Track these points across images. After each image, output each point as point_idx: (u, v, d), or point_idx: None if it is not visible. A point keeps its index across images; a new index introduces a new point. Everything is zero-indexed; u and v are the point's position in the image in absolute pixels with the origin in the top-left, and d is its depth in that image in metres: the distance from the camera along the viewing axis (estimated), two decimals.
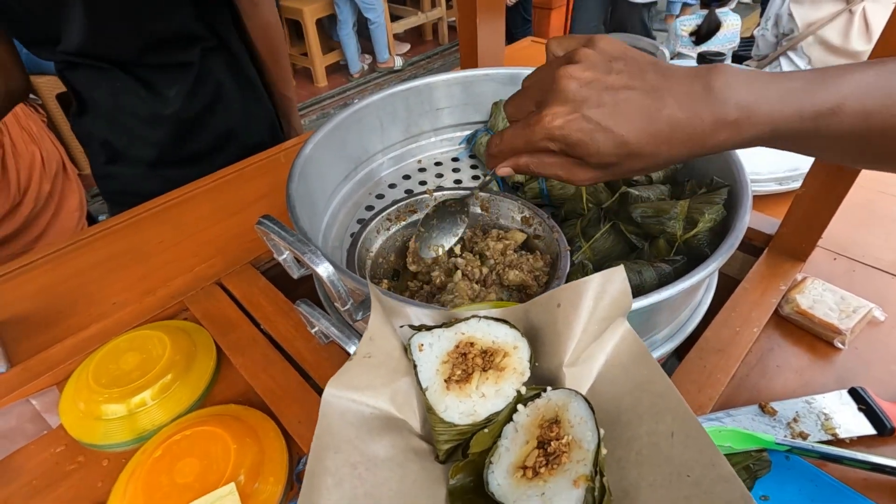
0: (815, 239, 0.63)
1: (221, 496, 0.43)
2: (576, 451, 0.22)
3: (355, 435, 0.25)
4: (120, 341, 0.59)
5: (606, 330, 0.27)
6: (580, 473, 0.21)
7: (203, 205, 0.85)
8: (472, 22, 0.85)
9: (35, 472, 0.51)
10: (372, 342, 0.27)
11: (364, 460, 0.24)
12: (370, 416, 0.26)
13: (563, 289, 0.28)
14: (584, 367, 0.27)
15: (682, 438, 0.22)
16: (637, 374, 0.26)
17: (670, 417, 0.23)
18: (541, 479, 0.22)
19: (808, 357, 0.55)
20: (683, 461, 0.22)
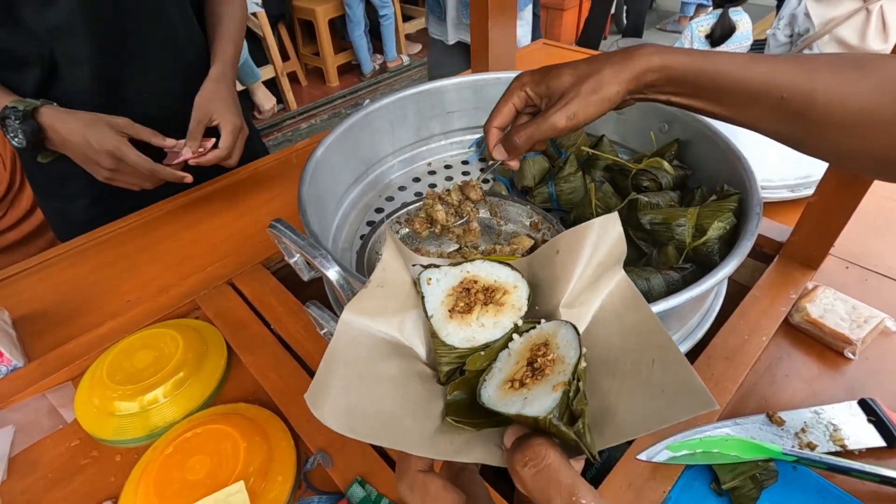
0: (827, 247, 0.62)
1: (231, 494, 0.44)
2: (559, 365, 0.24)
3: (366, 354, 0.27)
4: (134, 339, 0.60)
5: (602, 277, 0.29)
6: (560, 381, 0.23)
7: (216, 204, 0.86)
8: (483, 25, 0.85)
9: (51, 465, 0.52)
10: (385, 273, 0.29)
11: (372, 374, 0.27)
12: (380, 340, 0.28)
13: (562, 236, 0.30)
14: (580, 310, 0.29)
15: (662, 363, 0.24)
16: (628, 318, 0.27)
17: (654, 349, 0.25)
18: (525, 388, 0.24)
19: (817, 367, 0.55)
20: (661, 382, 0.24)
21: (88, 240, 0.81)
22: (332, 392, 0.25)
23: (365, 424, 0.24)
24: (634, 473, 0.46)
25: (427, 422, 0.26)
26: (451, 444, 0.25)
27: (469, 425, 0.25)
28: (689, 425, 0.49)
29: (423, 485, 0.24)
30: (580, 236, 0.29)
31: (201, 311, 0.67)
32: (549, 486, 0.21)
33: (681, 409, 0.23)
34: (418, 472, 0.25)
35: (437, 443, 0.25)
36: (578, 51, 1.33)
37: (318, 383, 0.25)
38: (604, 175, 0.67)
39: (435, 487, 0.24)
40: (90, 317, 0.67)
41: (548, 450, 0.22)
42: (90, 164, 0.74)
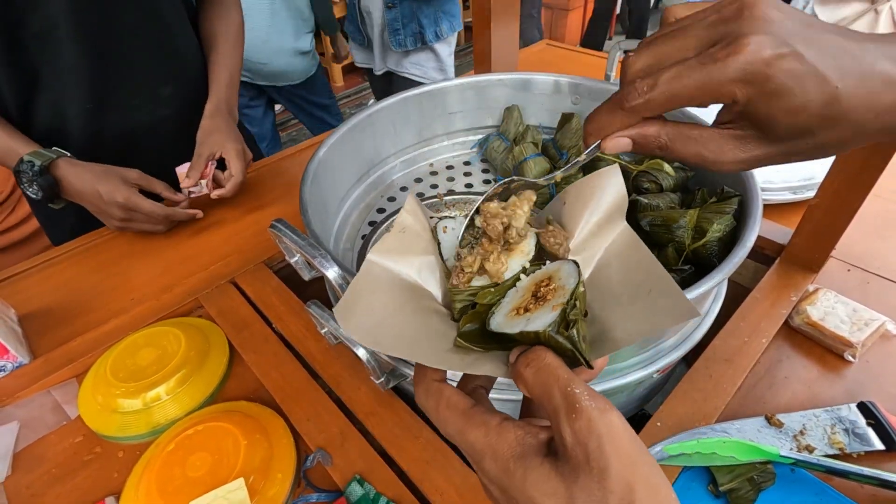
0: (829, 249, 0.62)
1: (231, 491, 0.45)
2: (559, 292, 0.26)
3: (387, 288, 0.30)
4: (137, 337, 0.61)
5: (606, 225, 0.31)
6: (559, 302, 0.25)
7: (219, 204, 0.87)
8: (486, 25, 0.85)
9: (55, 460, 0.53)
10: (407, 219, 0.32)
11: (393, 302, 0.29)
12: (400, 279, 0.31)
13: (569, 188, 0.32)
14: (584, 255, 0.31)
15: (657, 291, 0.27)
16: (628, 258, 0.30)
17: (652, 282, 0.27)
18: (529, 312, 0.26)
19: (817, 369, 0.55)
20: (654, 302, 0.26)
21: (93, 238, 0.82)
22: (357, 311, 0.27)
23: (386, 339, 0.27)
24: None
25: (442, 343, 0.28)
26: (463, 360, 0.27)
27: (479, 347, 0.28)
28: (687, 427, 0.49)
29: (437, 390, 0.26)
30: (586, 187, 0.31)
31: (204, 309, 0.67)
32: (547, 381, 0.23)
33: (668, 318, 0.25)
34: (434, 380, 0.27)
35: (451, 358, 0.27)
36: (581, 52, 1.33)
37: (346, 301, 0.27)
38: None
39: (448, 392, 0.26)
40: (94, 314, 0.68)
41: (546, 353, 0.24)
42: (103, 216, 0.77)
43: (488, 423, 0.24)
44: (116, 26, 0.76)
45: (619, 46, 0.73)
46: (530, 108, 0.79)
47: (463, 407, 0.25)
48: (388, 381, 0.50)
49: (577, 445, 0.21)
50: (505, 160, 0.73)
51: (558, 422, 0.22)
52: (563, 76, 0.75)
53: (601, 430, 0.21)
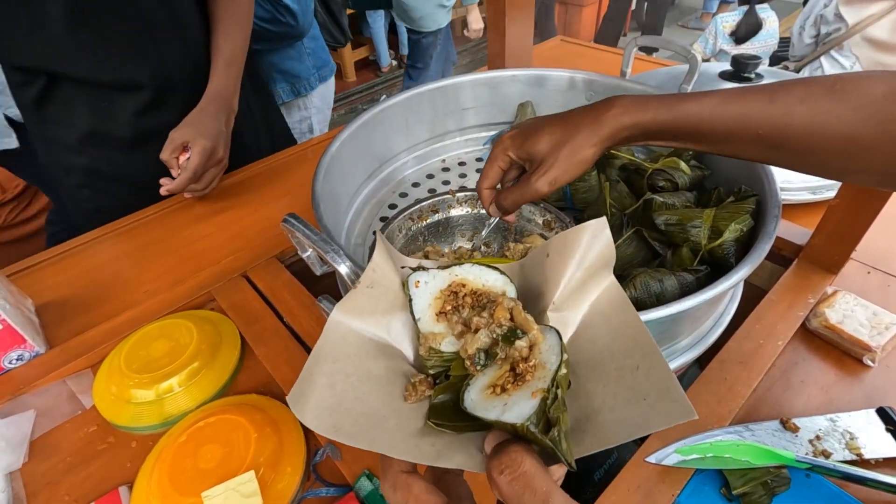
0: (849, 251, 0.61)
1: (242, 483, 0.45)
2: (539, 371, 0.25)
3: (354, 352, 0.28)
4: (151, 328, 0.61)
5: (591, 280, 0.29)
6: (539, 387, 0.24)
7: (231, 198, 0.87)
8: (500, 21, 0.85)
9: (70, 449, 0.53)
10: (374, 273, 0.29)
11: (358, 372, 0.27)
12: (368, 340, 0.29)
13: (553, 240, 0.30)
14: (567, 314, 0.29)
15: (646, 371, 0.25)
16: (615, 321, 0.28)
17: (639, 355, 0.25)
18: (506, 393, 0.25)
19: (834, 373, 0.54)
20: (643, 388, 0.24)
21: (108, 231, 0.82)
22: (316, 390, 0.25)
23: (348, 423, 0.25)
24: (643, 476, 0.46)
25: (410, 423, 0.26)
26: (433, 446, 0.25)
27: (450, 429, 0.26)
28: (701, 429, 0.48)
29: (405, 485, 0.24)
30: (571, 240, 0.29)
31: (216, 302, 0.68)
32: (523, 493, 0.22)
33: (661, 419, 0.23)
34: (401, 472, 0.25)
35: (419, 445, 0.25)
36: (596, 48, 1.32)
37: (303, 381, 0.25)
38: (619, 174, 0.66)
39: (418, 488, 0.24)
40: (109, 306, 0.69)
41: (524, 457, 0.22)
42: None
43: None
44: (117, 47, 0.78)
45: (636, 43, 0.72)
46: (544, 104, 0.78)
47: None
48: None
49: None
50: None
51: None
52: (579, 72, 0.74)
53: None
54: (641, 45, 0.72)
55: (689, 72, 0.67)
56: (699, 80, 0.80)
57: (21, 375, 0.60)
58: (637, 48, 0.72)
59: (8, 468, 0.51)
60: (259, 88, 1.02)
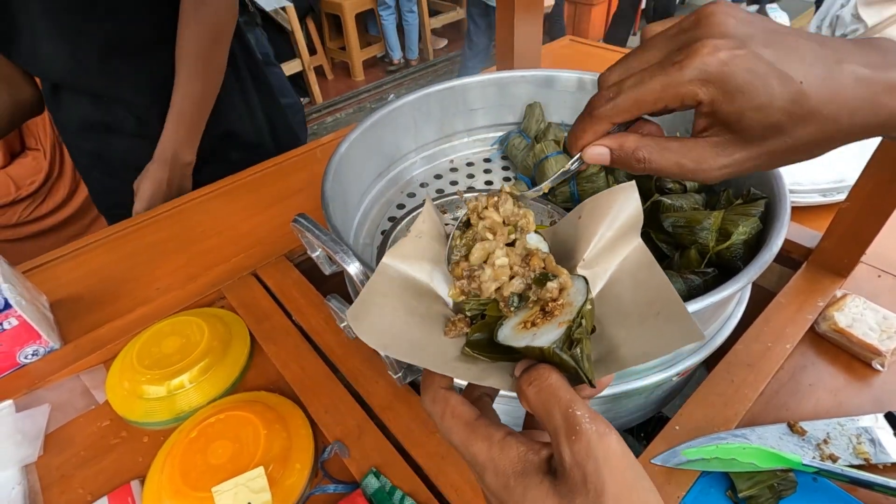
0: (859, 254, 0.60)
1: (251, 478, 0.46)
2: (567, 308, 0.27)
3: (400, 292, 0.30)
4: (162, 325, 0.62)
5: (620, 241, 0.31)
6: (566, 319, 0.26)
7: (243, 197, 0.88)
8: (509, 20, 0.85)
9: (83, 443, 0.54)
10: (423, 225, 0.32)
11: (404, 307, 0.29)
12: (414, 283, 0.31)
13: (586, 202, 0.32)
14: (596, 270, 0.31)
15: (666, 315, 0.26)
16: (641, 277, 0.29)
17: (660, 303, 0.27)
18: (536, 327, 0.27)
19: (843, 377, 0.54)
20: (660, 326, 0.26)
21: (121, 229, 0.84)
22: (370, 315, 0.28)
23: (396, 344, 0.27)
24: (648, 477, 0.46)
25: (449, 351, 0.28)
26: (470, 370, 0.27)
27: (486, 357, 0.28)
28: (707, 432, 0.48)
29: (444, 398, 0.27)
30: (603, 203, 0.31)
31: (226, 300, 0.69)
32: (549, 401, 0.23)
33: (673, 342, 0.25)
34: (440, 388, 0.27)
35: (457, 367, 0.27)
36: (605, 48, 1.31)
37: (359, 304, 0.28)
38: (627, 176, 0.66)
39: (454, 401, 0.26)
40: (122, 302, 0.70)
41: (551, 372, 0.24)
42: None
43: (492, 437, 0.25)
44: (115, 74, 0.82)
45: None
46: (552, 104, 0.78)
47: (468, 418, 0.26)
48: (405, 377, 0.51)
49: (575, 467, 0.22)
50: (526, 157, 0.73)
51: (558, 442, 0.22)
52: (588, 73, 0.74)
53: (599, 453, 0.21)
54: None
55: None
56: None
57: (36, 370, 0.61)
58: None
59: (24, 461, 0.52)
60: (261, 85, 1.03)
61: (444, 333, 0.29)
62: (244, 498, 0.45)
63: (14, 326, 0.59)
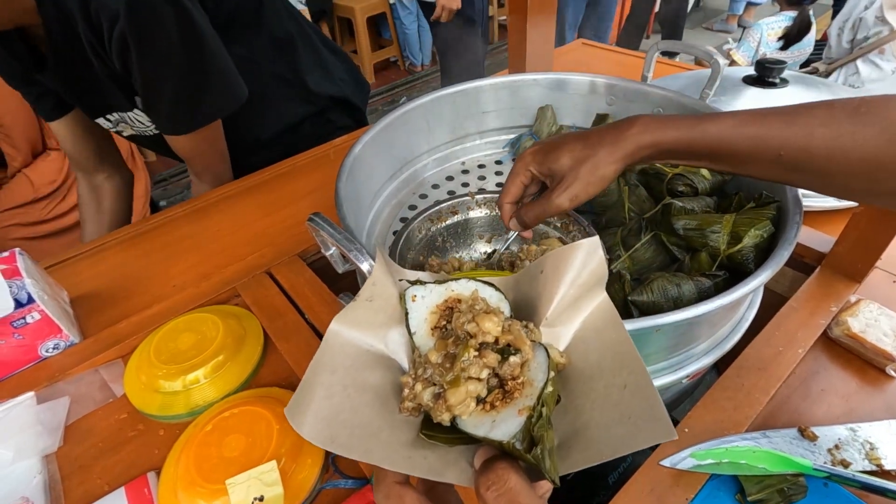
0: (874, 259, 0.60)
1: (264, 472, 0.46)
2: (527, 388, 0.26)
3: (351, 363, 0.28)
4: (179, 322, 0.64)
5: (584, 297, 0.30)
6: (525, 405, 0.25)
7: (257, 197, 0.90)
8: (522, 23, 0.85)
9: (101, 434, 0.56)
10: (374, 287, 0.31)
11: (354, 384, 0.27)
12: (366, 351, 0.29)
13: (547, 257, 0.31)
14: (560, 329, 0.30)
15: (633, 390, 0.25)
16: (606, 337, 0.28)
17: (626, 373, 0.26)
18: (495, 410, 0.25)
19: (856, 383, 0.53)
20: (629, 407, 0.25)
21: (138, 228, 0.86)
22: (314, 402, 0.26)
23: (344, 435, 0.26)
24: (657, 479, 0.46)
25: (403, 434, 0.27)
26: (425, 459, 0.26)
27: (442, 441, 0.26)
28: (717, 435, 0.48)
29: (398, 496, 0.25)
30: (565, 259, 0.30)
31: (241, 298, 0.70)
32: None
33: (643, 438, 0.24)
34: (394, 483, 0.26)
35: (412, 457, 0.26)
36: (617, 51, 1.31)
37: (301, 392, 0.26)
38: (638, 179, 0.66)
39: (410, 499, 0.25)
40: (139, 299, 0.72)
41: (510, 474, 0.23)
42: None
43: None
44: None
45: (658, 47, 0.72)
46: (564, 108, 0.78)
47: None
48: None
49: None
50: None
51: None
52: (599, 77, 0.74)
53: None
54: (664, 49, 0.72)
55: (711, 76, 0.66)
56: (722, 85, 0.79)
57: (56, 363, 0.62)
58: (659, 52, 0.72)
59: (44, 451, 0.53)
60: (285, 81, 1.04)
61: (399, 410, 0.28)
62: (257, 490, 0.46)
63: (36, 321, 0.61)
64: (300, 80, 0.99)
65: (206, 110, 0.81)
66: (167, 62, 0.72)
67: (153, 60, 0.71)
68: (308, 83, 1.00)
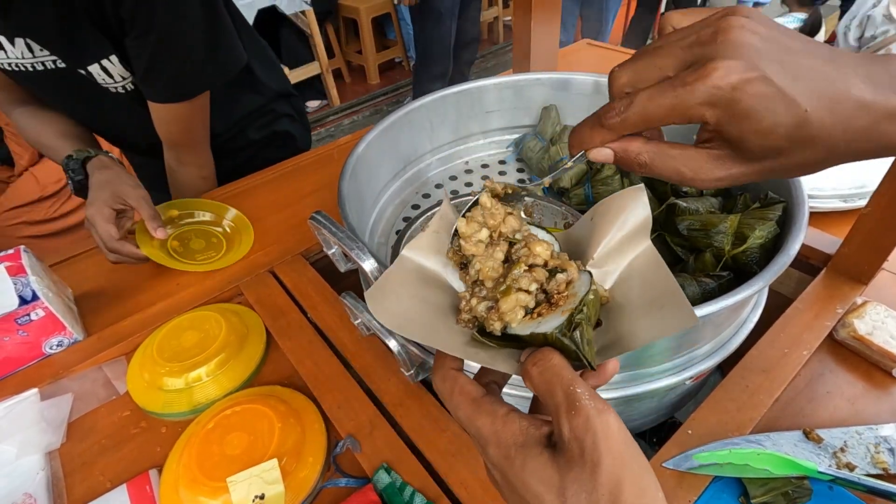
0: (880, 261, 0.59)
1: (265, 470, 0.46)
2: (571, 299, 0.28)
3: (416, 281, 0.32)
4: (182, 319, 0.64)
5: (630, 243, 0.32)
6: (568, 308, 0.27)
7: (261, 196, 0.90)
8: (526, 24, 0.85)
9: (104, 432, 0.56)
10: (441, 220, 0.34)
11: (419, 295, 0.31)
12: (429, 274, 0.33)
13: (597, 205, 0.33)
14: (606, 269, 0.32)
15: (670, 308, 0.28)
16: (649, 276, 0.31)
17: (665, 297, 0.29)
18: (541, 317, 0.28)
19: (862, 385, 0.53)
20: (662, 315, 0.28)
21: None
22: (387, 297, 0.29)
23: (410, 326, 0.28)
24: (660, 481, 0.45)
25: (461, 337, 0.30)
26: (479, 354, 0.28)
27: (494, 343, 0.29)
28: (720, 437, 0.48)
29: (453, 377, 0.28)
30: (613, 205, 0.32)
31: (244, 297, 0.70)
32: (551, 380, 0.25)
33: (671, 324, 0.27)
34: (451, 368, 0.29)
35: (467, 350, 0.28)
36: (622, 51, 1.31)
37: (377, 288, 0.29)
38: (642, 178, 0.66)
39: (463, 380, 0.28)
40: (143, 297, 0.72)
41: (553, 354, 0.26)
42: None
43: (495, 412, 0.26)
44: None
45: None
46: (568, 107, 0.78)
47: (474, 395, 0.27)
48: (417, 374, 0.51)
49: (573, 440, 0.23)
50: (541, 160, 0.73)
51: (558, 417, 0.24)
52: (604, 76, 0.74)
53: (597, 428, 0.23)
54: None
55: None
56: None
57: (60, 361, 0.63)
58: None
59: (48, 448, 0.54)
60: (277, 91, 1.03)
61: (456, 321, 0.31)
62: (258, 489, 0.46)
63: (41, 317, 0.61)
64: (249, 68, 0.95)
65: (209, 72, 0.76)
66: (184, 17, 0.68)
67: (171, 14, 0.67)
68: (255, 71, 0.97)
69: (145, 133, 0.83)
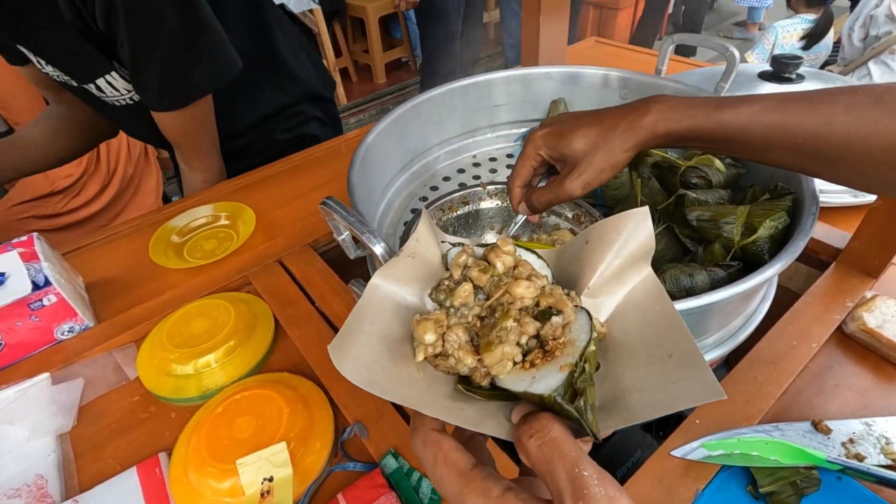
0: (891, 255, 0.59)
1: (274, 453, 0.47)
2: (569, 348, 0.25)
3: (390, 317, 0.28)
4: (191, 307, 0.64)
5: (629, 270, 0.29)
6: (567, 362, 0.24)
7: (270, 188, 0.91)
8: (535, 18, 0.85)
9: (114, 416, 0.57)
10: (418, 244, 0.30)
11: (393, 335, 0.27)
12: (405, 306, 0.29)
13: (594, 227, 0.30)
14: (602, 300, 0.29)
15: (678, 358, 0.25)
16: (650, 311, 0.27)
17: (671, 343, 0.25)
18: (535, 368, 0.25)
19: (871, 378, 0.52)
20: (675, 373, 0.24)
21: (153, 217, 0.87)
22: (354, 346, 0.26)
23: (383, 379, 0.25)
24: (667, 470, 0.46)
25: (441, 386, 0.26)
26: (463, 411, 0.25)
27: (480, 395, 0.26)
28: (728, 427, 0.48)
29: (435, 442, 0.25)
30: (612, 228, 0.29)
31: (252, 286, 0.71)
32: (552, 457, 0.21)
33: (690, 398, 0.23)
34: (431, 430, 0.25)
35: (449, 408, 0.25)
36: (631, 49, 1.31)
37: (343, 336, 0.26)
38: (651, 171, 0.66)
39: (447, 446, 0.24)
40: (153, 285, 0.73)
41: (554, 424, 0.23)
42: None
43: (489, 490, 0.22)
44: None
45: (673, 40, 0.71)
46: (577, 101, 0.78)
47: (462, 467, 0.24)
48: None
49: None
50: None
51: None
52: (613, 70, 0.74)
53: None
54: (679, 42, 0.71)
55: (726, 70, 0.66)
56: (737, 80, 0.79)
57: (72, 346, 0.63)
58: (673, 45, 0.72)
59: (59, 430, 0.54)
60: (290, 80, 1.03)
61: (435, 366, 0.27)
62: (266, 471, 0.46)
63: (53, 303, 0.62)
64: (277, 65, 0.95)
65: (197, 81, 0.75)
66: (158, 25, 0.67)
67: (142, 23, 0.66)
68: (285, 69, 0.96)
69: (162, 137, 0.84)
